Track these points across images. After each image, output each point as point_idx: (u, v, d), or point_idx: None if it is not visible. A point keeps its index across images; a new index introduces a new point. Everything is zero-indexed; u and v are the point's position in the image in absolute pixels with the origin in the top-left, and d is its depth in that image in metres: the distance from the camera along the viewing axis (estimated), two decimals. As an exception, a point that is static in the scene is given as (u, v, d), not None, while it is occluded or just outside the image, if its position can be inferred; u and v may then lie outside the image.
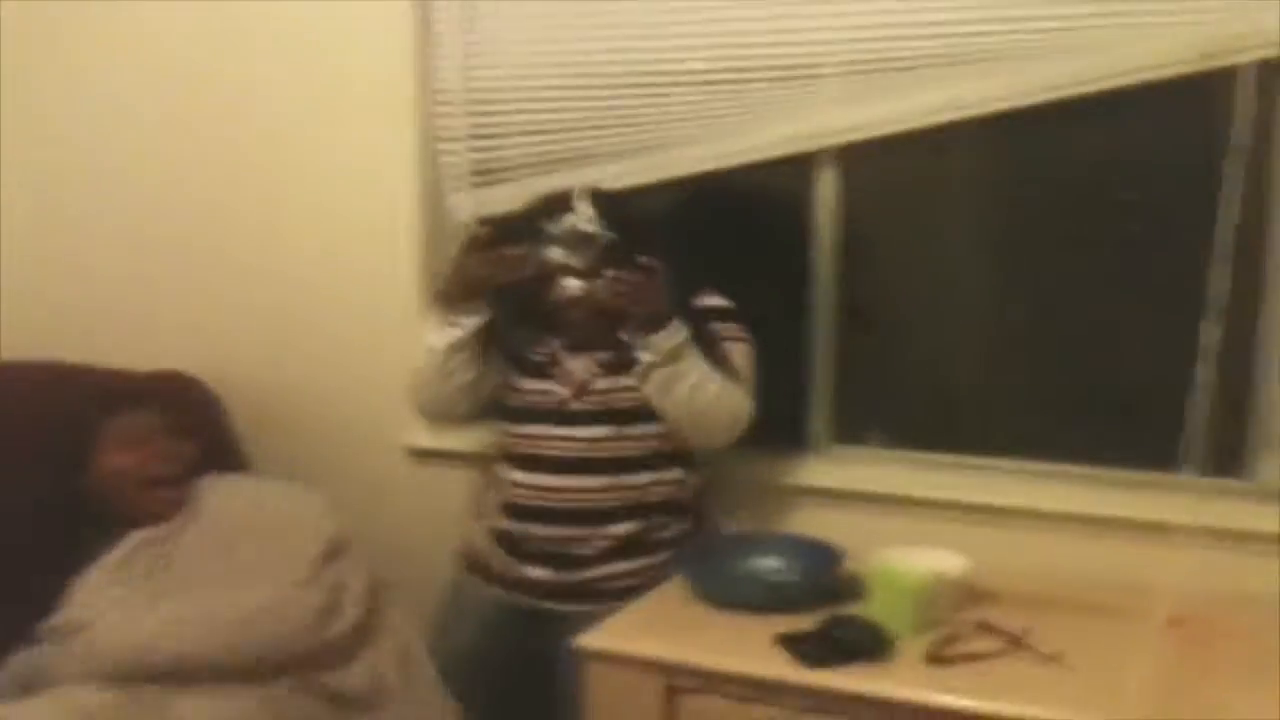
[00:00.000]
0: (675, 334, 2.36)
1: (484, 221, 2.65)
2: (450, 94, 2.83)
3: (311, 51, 2.93)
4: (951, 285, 2.66)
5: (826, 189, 2.62)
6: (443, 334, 2.48)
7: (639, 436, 2.45)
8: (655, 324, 2.36)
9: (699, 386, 2.37)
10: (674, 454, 2.49)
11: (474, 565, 2.59)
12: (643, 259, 2.36)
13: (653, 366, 2.37)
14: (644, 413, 2.44)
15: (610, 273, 2.32)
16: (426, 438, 2.93)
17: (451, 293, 2.49)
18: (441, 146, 2.87)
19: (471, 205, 2.86)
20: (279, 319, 3.06)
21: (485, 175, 2.85)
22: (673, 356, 2.36)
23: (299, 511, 2.57)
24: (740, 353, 2.47)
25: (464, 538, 2.64)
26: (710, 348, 2.42)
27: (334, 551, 2.48)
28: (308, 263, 3.02)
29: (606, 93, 2.70)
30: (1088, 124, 2.41)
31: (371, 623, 2.43)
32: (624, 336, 2.40)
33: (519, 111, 2.79)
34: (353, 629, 2.39)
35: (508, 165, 2.82)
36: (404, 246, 2.91)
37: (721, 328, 2.47)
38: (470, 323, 2.46)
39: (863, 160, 2.58)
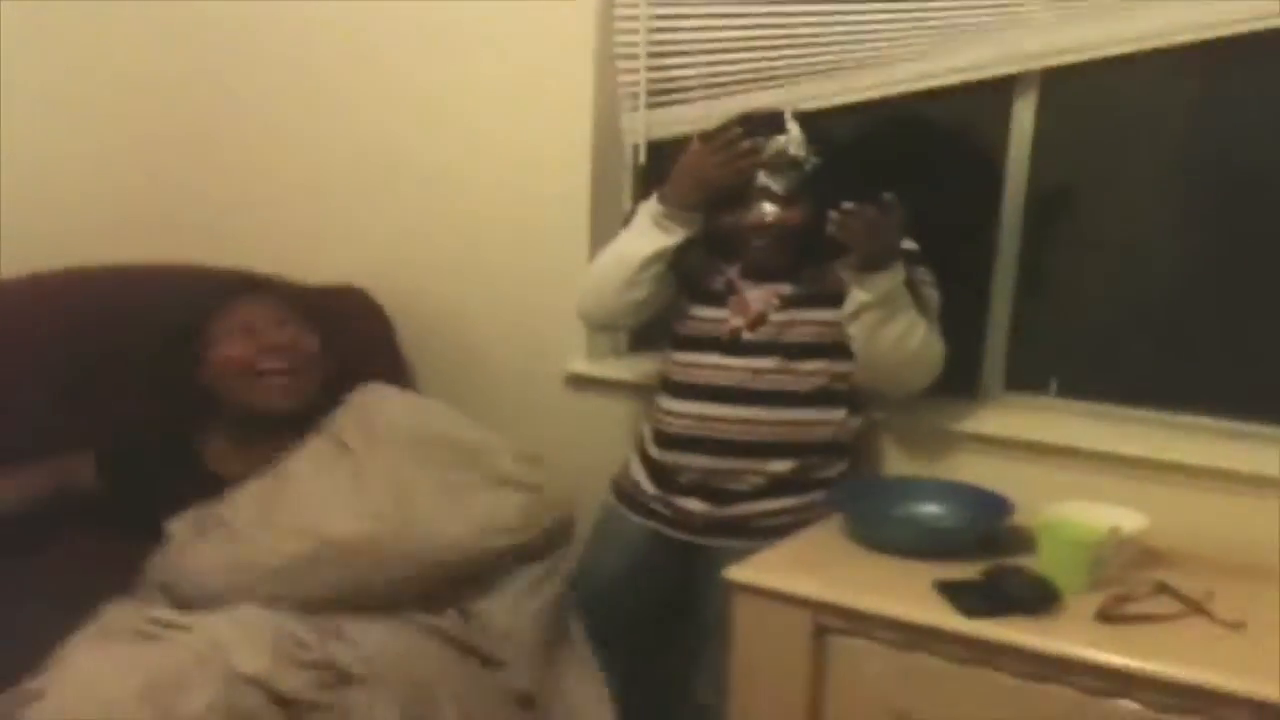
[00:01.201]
0: (896, 276, 2.26)
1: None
2: (631, 9, 2.76)
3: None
4: (1141, 231, 2.50)
5: (1022, 118, 2.48)
6: (649, 238, 2.39)
7: (806, 372, 2.37)
8: (881, 263, 2.25)
9: (908, 332, 2.28)
10: (840, 393, 2.41)
11: (625, 494, 2.55)
12: (884, 194, 2.18)
13: (866, 307, 2.26)
14: (815, 349, 2.36)
15: (848, 204, 2.17)
16: (587, 365, 2.89)
17: (679, 194, 2.37)
18: (619, 64, 2.80)
19: (646, 127, 2.79)
20: (449, 237, 3.04)
21: (661, 96, 2.77)
22: (889, 299, 2.26)
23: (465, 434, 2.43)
24: (932, 300, 2.37)
25: (620, 467, 2.60)
26: (912, 292, 2.31)
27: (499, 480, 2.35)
28: (479, 182, 2.99)
29: (789, 9, 2.60)
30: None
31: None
32: (842, 272, 2.30)
33: (699, 29, 2.70)
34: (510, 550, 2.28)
35: (684, 86, 2.74)
36: (575, 168, 2.85)
37: (921, 272, 2.36)
38: (684, 232, 2.37)
39: (1064, 90, 2.44)
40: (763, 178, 2.30)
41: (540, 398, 2.95)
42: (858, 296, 2.27)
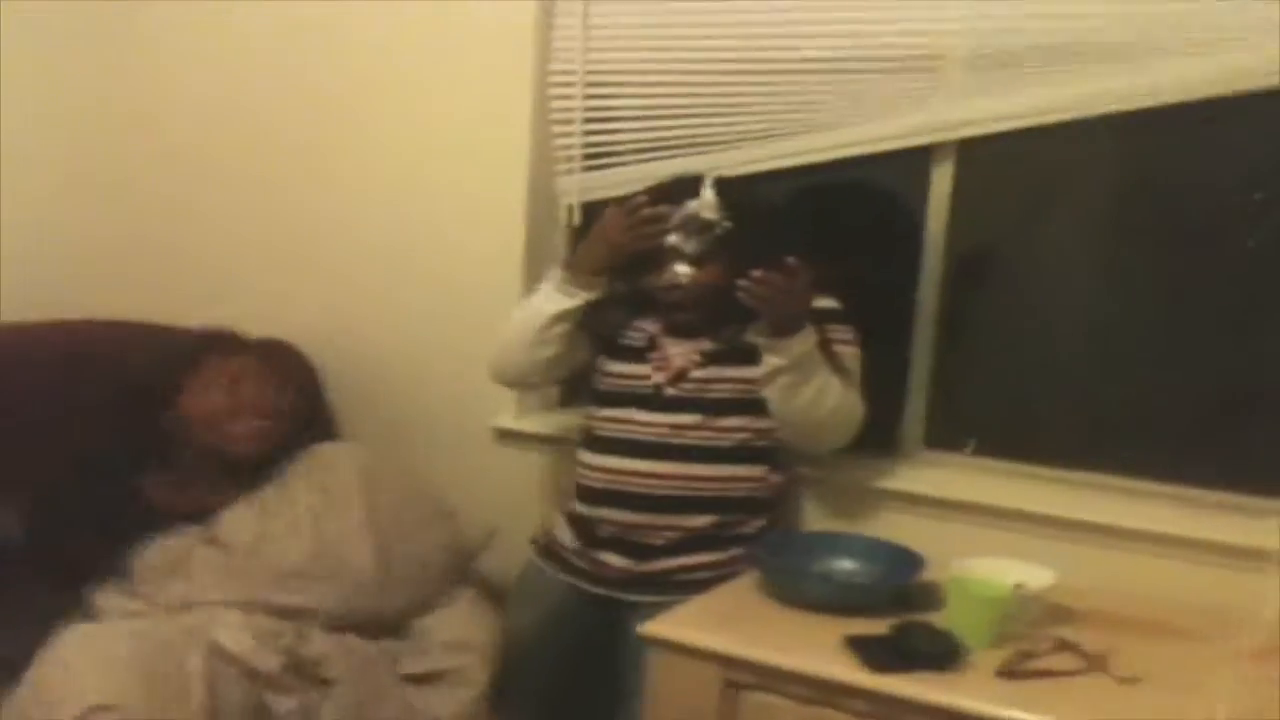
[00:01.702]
0: (807, 339, 2.30)
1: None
2: (567, 75, 2.81)
3: (429, 29, 2.92)
4: (1058, 293, 2.57)
5: (940, 184, 2.55)
6: (552, 300, 2.45)
7: (727, 428, 2.41)
8: (791, 328, 2.29)
9: (822, 393, 2.32)
10: (761, 449, 2.44)
11: (545, 550, 2.57)
12: (790, 259, 2.24)
13: (779, 371, 2.31)
14: (737, 405, 2.40)
15: (757, 272, 2.23)
16: (516, 420, 2.92)
17: (584, 259, 2.45)
18: (555, 128, 2.85)
19: (580, 189, 2.84)
20: (380, 292, 3.07)
21: (596, 159, 2.83)
22: (801, 363, 2.30)
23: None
24: (852, 357, 2.41)
25: (542, 522, 2.62)
26: (826, 352, 2.36)
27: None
28: (414, 239, 3.01)
29: (722, 79, 2.67)
30: (1216, 127, 2.32)
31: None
32: (753, 337, 2.34)
33: (634, 95, 2.77)
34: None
35: (619, 149, 2.80)
36: (509, 227, 2.88)
37: (834, 330, 2.40)
38: (586, 295, 2.44)
39: (979, 158, 2.51)
40: (676, 240, 2.36)
41: (469, 452, 2.96)
42: (770, 361, 2.31)
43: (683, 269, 2.37)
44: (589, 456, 2.50)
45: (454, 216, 2.96)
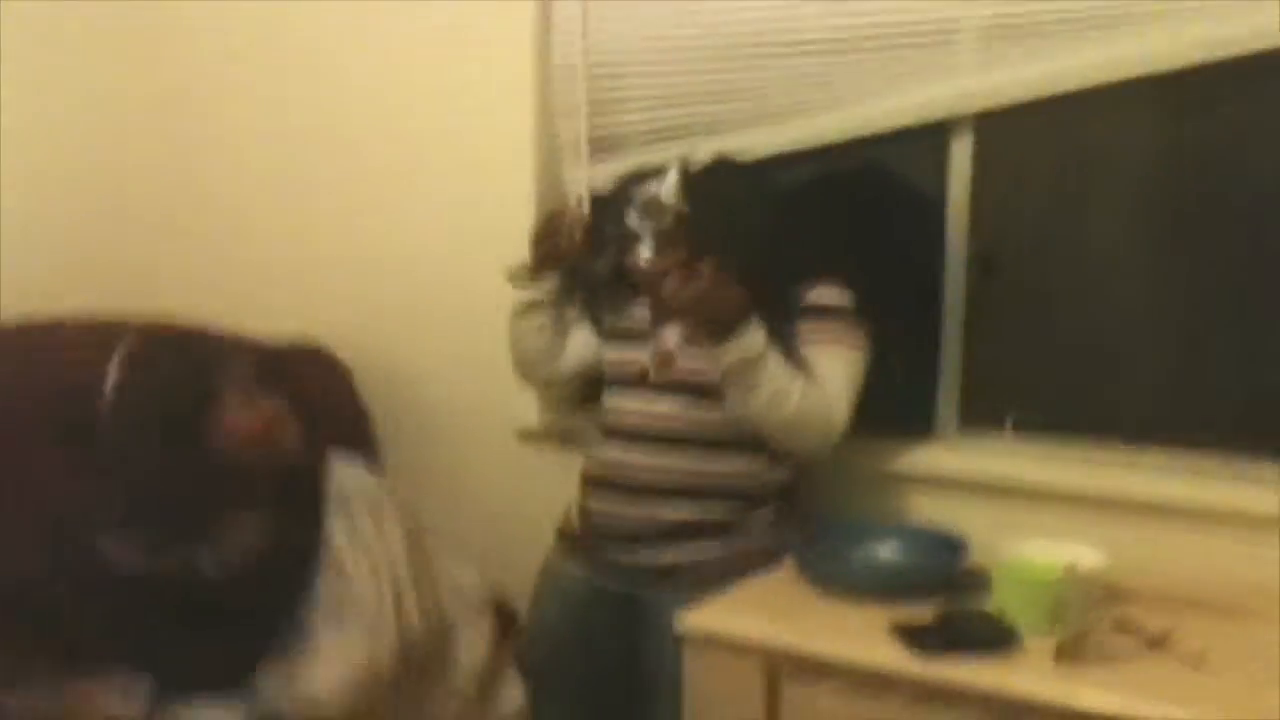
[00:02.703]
0: (742, 347, 2.15)
1: (582, 195, 2.61)
2: (568, 65, 2.74)
3: (431, 27, 2.89)
4: (1094, 264, 2.47)
5: (960, 160, 2.47)
6: (522, 296, 2.47)
7: (716, 416, 2.28)
8: (718, 335, 2.16)
9: (776, 398, 2.17)
10: (757, 439, 2.29)
11: (563, 543, 2.50)
12: (707, 258, 2.13)
13: (725, 374, 2.19)
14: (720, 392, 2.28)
15: (673, 275, 2.13)
16: (540, 418, 2.86)
17: (528, 265, 2.46)
18: (559, 118, 2.78)
19: (589, 178, 2.76)
20: (403, 292, 3.04)
21: (603, 148, 2.75)
22: (742, 368, 2.16)
23: None
24: (835, 357, 2.26)
25: (560, 516, 2.55)
26: (797, 354, 2.24)
27: None
28: (431, 241, 2.98)
29: (729, 61, 2.58)
30: (1245, 88, 2.23)
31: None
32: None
33: (638, 81, 2.69)
34: None
35: (626, 137, 2.73)
36: (520, 223, 2.76)
37: (823, 329, 2.27)
38: (539, 288, 2.44)
39: (999, 130, 2.43)
40: (635, 223, 2.26)
41: (496, 452, 2.92)
42: (718, 364, 2.20)
43: (645, 253, 2.27)
44: (594, 446, 2.44)
45: (466, 212, 2.92)
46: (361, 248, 3.09)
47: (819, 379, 2.22)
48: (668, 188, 2.24)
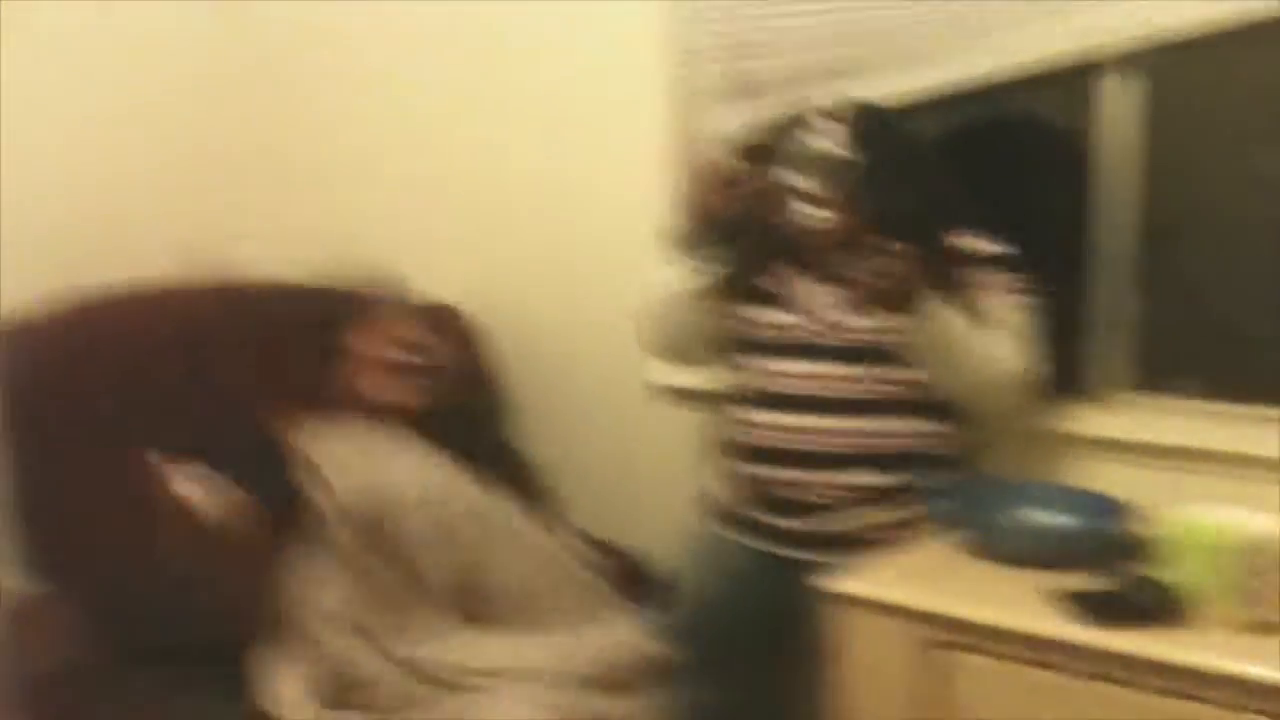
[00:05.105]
0: (926, 316, 2.11)
1: (729, 147, 2.49)
2: (703, 6, 2.67)
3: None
4: (1274, 215, 2.33)
5: (1121, 104, 2.35)
6: (681, 276, 2.35)
7: (887, 380, 2.23)
8: (908, 306, 2.11)
9: (961, 358, 2.15)
10: (931, 402, 2.26)
11: (718, 511, 2.44)
12: (895, 245, 2.07)
13: (915, 343, 2.15)
14: (895, 354, 2.21)
15: (870, 257, 2.08)
16: (669, 376, 2.79)
17: (690, 233, 2.35)
18: (694, 64, 2.71)
19: (725, 124, 2.68)
20: (533, 248, 3.03)
21: (740, 91, 2.67)
22: (927, 336, 2.13)
23: None
24: (1010, 306, 2.21)
25: (706, 483, 2.50)
26: (969, 299, 2.18)
27: None
28: (561, 194, 2.96)
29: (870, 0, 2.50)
30: None
31: None
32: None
33: (776, 22, 2.61)
34: None
35: (762, 84, 2.64)
36: (654, 172, 2.77)
37: (987, 278, 2.21)
38: (711, 266, 2.32)
39: (1165, 69, 2.30)
40: (798, 180, 2.18)
41: (625, 410, 2.90)
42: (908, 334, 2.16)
43: (809, 211, 2.19)
44: (751, 412, 2.35)
45: (599, 167, 2.89)
46: (492, 205, 3.07)
47: (1001, 332, 2.16)
48: (835, 140, 2.17)
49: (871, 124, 2.24)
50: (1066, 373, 2.42)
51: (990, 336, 2.16)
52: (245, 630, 2.27)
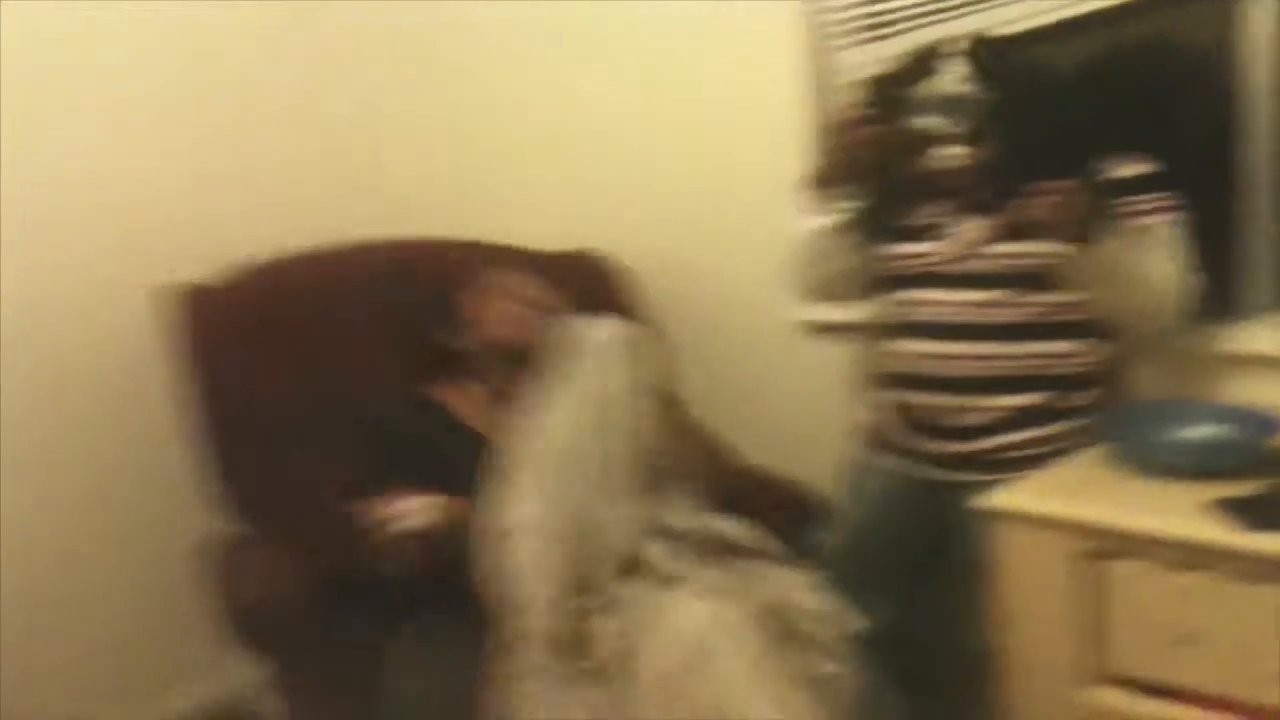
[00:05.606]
0: (1092, 249, 2.15)
1: (859, 92, 2.51)
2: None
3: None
4: None
5: (1257, 19, 2.35)
6: (821, 218, 2.41)
7: (1037, 304, 2.27)
8: (1077, 237, 2.15)
9: (1125, 285, 2.18)
10: (1076, 323, 2.30)
11: (870, 439, 2.51)
12: (1067, 182, 2.10)
13: (1084, 273, 2.20)
14: (1034, 279, 2.26)
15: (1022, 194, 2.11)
16: (816, 312, 2.84)
17: (828, 177, 2.38)
18: (827, 5, 2.79)
19: (861, 63, 2.74)
20: (677, 194, 3.08)
21: (875, 29, 2.74)
22: (1092, 260, 2.16)
23: None
24: (1164, 224, 2.23)
25: (857, 412, 2.57)
26: (1122, 225, 2.19)
27: None
28: (701, 137, 3.01)
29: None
30: None
31: None
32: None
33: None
34: None
35: (898, 17, 2.71)
36: (790, 112, 2.83)
37: (1139, 201, 2.23)
38: (850, 206, 2.38)
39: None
40: (934, 122, 2.23)
41: (772, 346, 2.95)
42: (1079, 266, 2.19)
43: (950, 151, 2.24)
44: (901, 341, 2.40)
45: (736, 108, 2.93)
46: (633, 153, 3.14)
47: (1161, 250, 2.20)
48: (957, 78, 2.21)
49: (996, 57, 2.28)
50: (1214, 292, 2.41)
51: (1150, 255, 2.19)
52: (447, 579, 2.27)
